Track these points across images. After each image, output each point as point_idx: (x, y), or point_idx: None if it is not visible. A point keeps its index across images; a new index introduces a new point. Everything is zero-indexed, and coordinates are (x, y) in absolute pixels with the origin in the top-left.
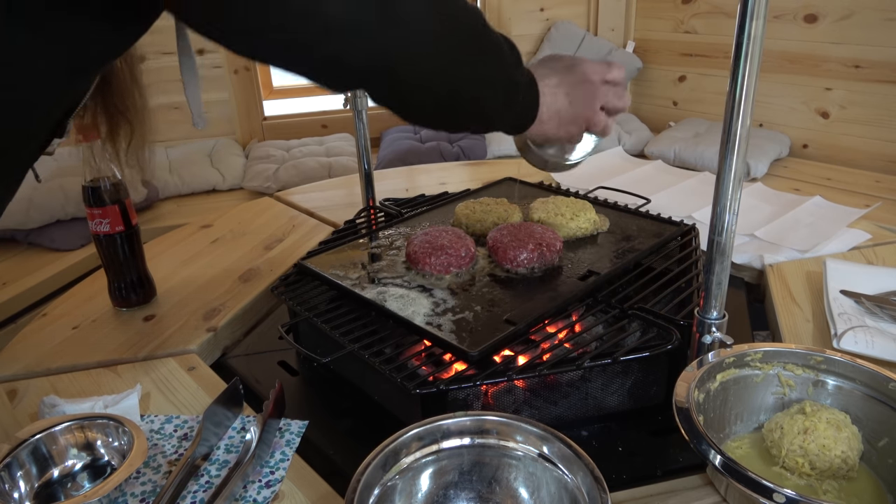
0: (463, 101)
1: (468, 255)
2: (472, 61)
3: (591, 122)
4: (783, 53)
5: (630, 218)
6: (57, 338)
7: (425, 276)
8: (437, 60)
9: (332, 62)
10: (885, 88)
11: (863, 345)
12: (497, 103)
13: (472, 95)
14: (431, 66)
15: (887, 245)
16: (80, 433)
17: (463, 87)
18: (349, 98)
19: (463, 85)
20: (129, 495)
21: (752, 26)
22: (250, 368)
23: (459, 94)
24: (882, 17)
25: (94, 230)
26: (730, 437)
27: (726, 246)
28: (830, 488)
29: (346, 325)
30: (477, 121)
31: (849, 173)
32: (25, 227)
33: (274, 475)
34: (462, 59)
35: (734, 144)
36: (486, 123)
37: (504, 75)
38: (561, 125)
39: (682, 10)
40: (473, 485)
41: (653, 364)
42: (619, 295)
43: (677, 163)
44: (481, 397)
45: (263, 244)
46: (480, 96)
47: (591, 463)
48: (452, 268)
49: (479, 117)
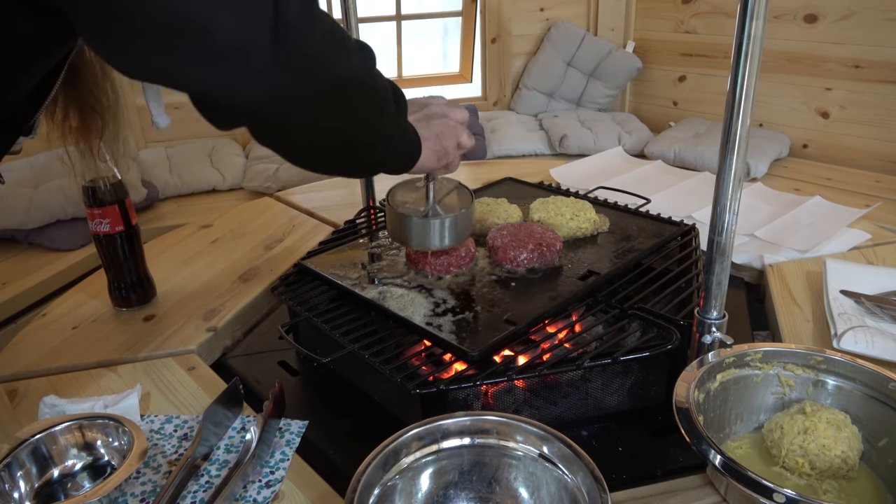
0: (356, 148)
1: (468, 256)
2: (357, 110)
3: (455, 150)
4: (783, 53)
5: (630, 218)
6: (57, 338)
7: (426, 277)
8: (320, 114)
9: (208, 98)
10: (885, 88)
11: (863, 345)
12: (388, 148)
13: (364, 142)
14: (315, 118)
15: (887, 245)
16: (80, 433)
17: (355, 134)
18: None
19: (355, 133)
20: (129, 495)
21: (752, 26)
22: (250, 368)
23: (350, 142)
24: (882, 17)
25: (94, 230)
26: (730, 437)
27: (726, 246)
28: (830, 488)
29: (346, 325)
30: (368, 166)
31: (849, 173)
32: (25, 227)
33: (274, 475)
34: (349, 110)
35: (734, 144)
36: (376, 166)
37: (392, 120)
38: (439, 157)
39: (682, 10)
40: (473, 485)
41: (653, 364)
42: (619, 295)
43: (677, 163)
44: (481, 397)
45: (263, 244)
46: (372, 143)
47: (591, 463)
48: (452, 268)
49: (371, 162)
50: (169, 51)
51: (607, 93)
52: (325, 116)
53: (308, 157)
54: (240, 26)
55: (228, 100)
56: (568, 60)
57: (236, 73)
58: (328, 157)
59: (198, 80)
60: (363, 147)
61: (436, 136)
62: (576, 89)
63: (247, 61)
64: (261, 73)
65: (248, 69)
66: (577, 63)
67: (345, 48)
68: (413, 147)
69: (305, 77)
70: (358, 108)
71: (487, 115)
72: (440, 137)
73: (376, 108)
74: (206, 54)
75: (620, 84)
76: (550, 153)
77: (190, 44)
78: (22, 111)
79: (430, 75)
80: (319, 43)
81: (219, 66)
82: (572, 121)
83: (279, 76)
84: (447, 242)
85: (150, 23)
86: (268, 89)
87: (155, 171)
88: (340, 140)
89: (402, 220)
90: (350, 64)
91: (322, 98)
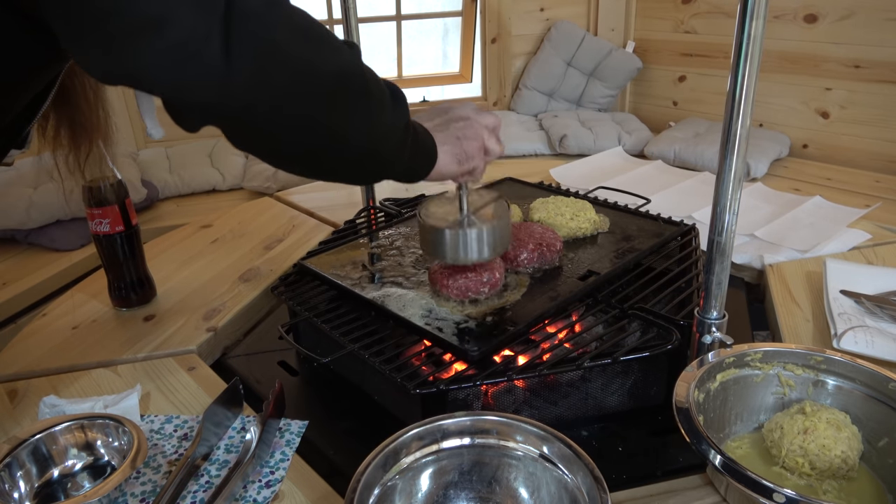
0: (348, 151)
1: (491, 281)
2: (344, 107)
3: (479, 155)
4: (783, 53)
5: (630, 218)
6: (57, 338)
7: (447, 300)
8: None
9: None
10: (885, 88)
11: (863, 345)
12: (389, 151)
13: (357, 145)
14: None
15: (887, 245)
16: (80, 433)
17: (344, 135)
18: None
19: (344, 134)
20: (129, 495)
21: (752, 26)
22: (250, 368)
23: (339, 145)
24: (882, 17)
25: (94, 230)
26: (730, 437)
27: (726, 246)
28: (830, 488)
29: (346, 325)
30: (368, 171)
31: (849, 173)
32: (25, 227)
33: (274, 475)
34: (331, 107)
35: (734, 144)
36: (378, 172)
37: (391, 120)
38: (460, 161)
39: (682, 10)
40: (473, 485)
41: (653, 364)
42: (619, 295)
43: (677, 163)
44: (481, 397)
45: (263, 244)
46: (368, 145)
47: (591, 463)
48: (471, 293)
49: (370, 167)
50: (128, 48)
51: (607, 93)
52: (300, 115)
53: (292, 160)
54: (189, 16)
55: (182, 95)
56: (568, 60)
57: (187, 66)
58: (316, 162)
59: (153, 77)
60: (356, 150)
61: (455, 139)
62: (576, 89)
63: (197, 53)
64: (212, 67)
65: (199, 62)
66: (577, 63)
67: (324, 41)
68: (427, 152)
69: (270, 70)
70: (344, 106)
71: None
72: (461, 140)
73: (368, 106)
74: (159, 48)
75: (620, 84)
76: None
77: (145, 38)
78: (14, 125)
79: (430, 75)
80: (286, 34)
81: (169, 59)
82: (572, 121)
83: (234, 68)
84: (484, 254)
85: (111, 18)
86: (222, 83)
87: (155, 171)
88: (326, 142)
89: (433, 231)
90: (331, 58)
91: (294, 93)
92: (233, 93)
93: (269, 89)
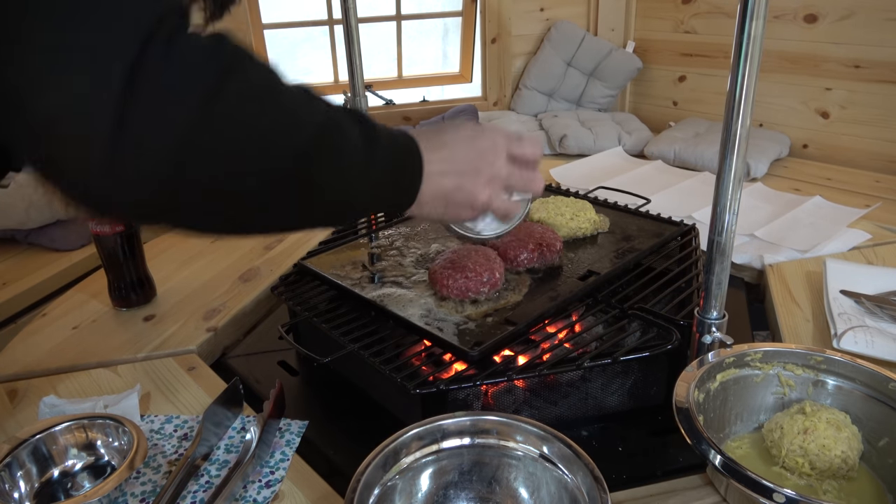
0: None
1: (490, 281)
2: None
3: (485, 205)
4: (783, 53)
5: (630, 218)
6: (57, 338)
7: (444, 300)
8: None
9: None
10: (885, 88)
11: (863, 345)
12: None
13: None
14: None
15: (887, 245)
16: (80, 433)
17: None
18: (349, 98)
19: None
20: (129, 495)
21: (752, 26)
22: (250, 368)
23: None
24: (882, 17)
25: (94, 230)
26: (730, 437)
27: (726, 246)
28: (830, 488)
29: (346, 325)
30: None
31: (849, 173)
32: (25, 227)
33: (274, 475)
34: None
35: (734, 144)
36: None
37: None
38: (448, 207)
39: (682, 10)
40: (473, 485)
41: (653, 364)
42: (619, 295)
43: (677, 163)
44: (481, 397)
45: (263, 244)
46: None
47: (591, 463)
48: (471, 293)
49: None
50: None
51: (607, 93)
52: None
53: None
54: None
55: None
56: (568, 60)
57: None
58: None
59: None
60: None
61: (455, 186)
62: (576, 89)
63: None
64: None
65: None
66: (577, 63)
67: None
68: (397, 189)
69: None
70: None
71: (487, 115)
72: (461, 188)
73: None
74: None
75: (620, 84)
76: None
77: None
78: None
79: (430, 75)
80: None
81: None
82: (572, 121)
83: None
84: (498, 226)
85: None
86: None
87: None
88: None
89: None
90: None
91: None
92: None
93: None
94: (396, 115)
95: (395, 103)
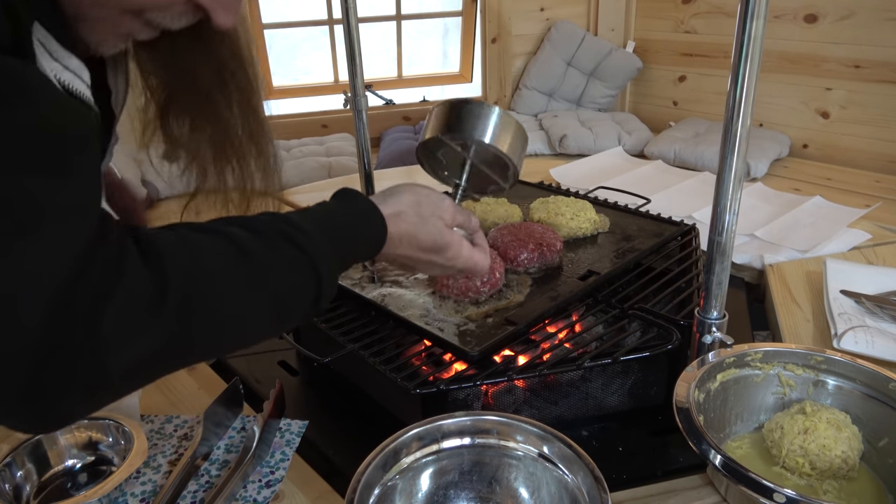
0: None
1: (490, 281)
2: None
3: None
4: (783, 53)
5: (630, 218)
6: None
7: (445, 299)
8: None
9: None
10: (885, 88)
11: (863, 345)
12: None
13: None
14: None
15: (887, 245)
16: (80, 433)
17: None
18: (349, 98)
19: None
20: (129, 495)
21: (752, 26)
22: (250, 368)
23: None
24: (882, 17)
25: None
26: (730, 437)
27: (726, 246)
28: (830, 488)
29: (346, 325)
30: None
31: (849, 173)
32: None
33: (274, 475)
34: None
35: (734, 144)
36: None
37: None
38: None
39: (682, 10)
40: (473, 485)
41: (653, 364)
42: (619, 295)
43: (677, 163)
44: (481, 397)
45: None
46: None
47: (591, 463)
48: (472, 293)
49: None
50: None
51: (607, 93)
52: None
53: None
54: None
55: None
56: (568, 60)
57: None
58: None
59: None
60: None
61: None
62: (576, 89)
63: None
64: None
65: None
66: (577, 63)
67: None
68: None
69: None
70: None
71: None
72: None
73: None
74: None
75: (620, 84)
76: (550, 153)
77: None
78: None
79: (430, 75)
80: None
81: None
82: (572, 121)
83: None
84: (502, 142)
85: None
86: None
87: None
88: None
89: (455, 105)
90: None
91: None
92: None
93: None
94: (396, 114)
95: (396, 103)
